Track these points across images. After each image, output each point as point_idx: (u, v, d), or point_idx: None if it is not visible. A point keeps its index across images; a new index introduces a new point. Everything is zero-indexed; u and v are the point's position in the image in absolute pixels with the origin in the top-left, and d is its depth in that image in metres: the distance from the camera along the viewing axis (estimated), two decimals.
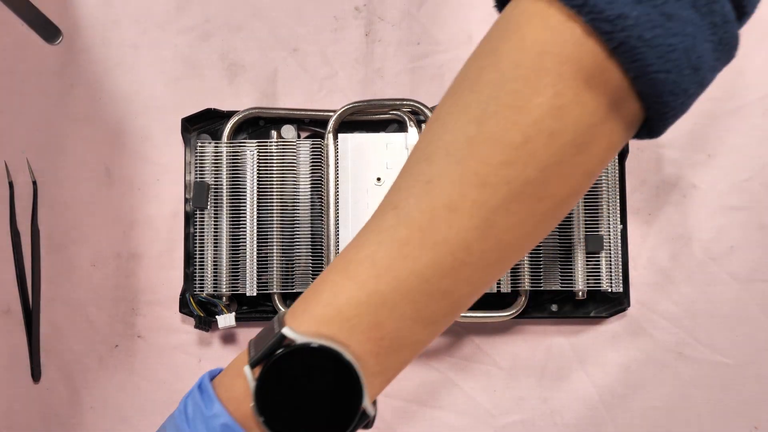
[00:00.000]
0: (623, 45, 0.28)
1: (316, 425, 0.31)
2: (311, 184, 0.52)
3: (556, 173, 0.30)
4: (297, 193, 0.52)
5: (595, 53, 0.29)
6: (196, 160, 0.52)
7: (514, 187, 0.30)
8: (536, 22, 0.30)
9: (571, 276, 0.51)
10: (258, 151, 0.52)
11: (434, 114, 0.33)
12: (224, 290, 0.51)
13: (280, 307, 0.51)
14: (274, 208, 0.52)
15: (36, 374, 0.54)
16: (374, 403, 0.34)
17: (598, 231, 0.51)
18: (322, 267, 0.51)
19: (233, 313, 0.51)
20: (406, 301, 0.31)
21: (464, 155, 0.30)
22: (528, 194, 0.30)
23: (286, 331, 0.31)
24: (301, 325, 0.31)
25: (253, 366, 0.31)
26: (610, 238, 0.51)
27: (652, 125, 0.32)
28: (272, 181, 0.52)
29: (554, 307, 0.53)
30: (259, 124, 0.54)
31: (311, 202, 0.52)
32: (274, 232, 0.51)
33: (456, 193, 0.30)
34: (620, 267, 0.51)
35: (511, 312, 0.51)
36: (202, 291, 0.51)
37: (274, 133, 0.53)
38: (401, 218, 0.31)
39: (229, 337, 0.54)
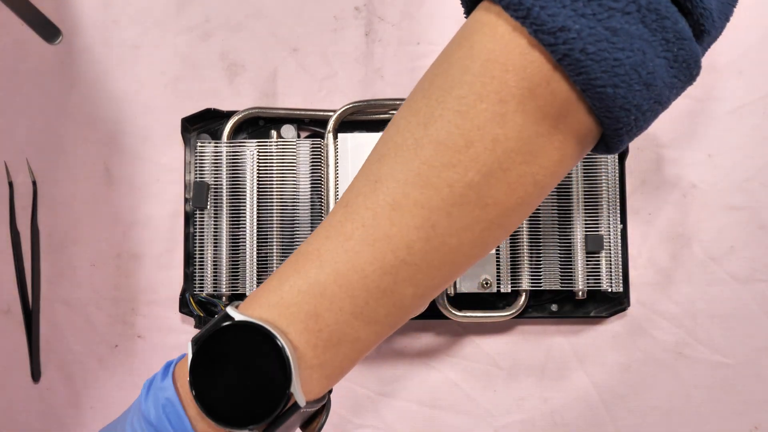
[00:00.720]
0: (567, 57, 0.28)
1: (244, 405, 0.32)
2: (311, 184, 0.52)
3: (502, 180, 0.31)
4: (297, 193, 0.52)
5: (540, 64, 0.29)
6: (196, 160, 0.52)
7: (456, 190, 0.30)
8: (486, 31, 0.30)
9: (571, 276, 0.51)
10: (258, 151, 0.52)
11: (392, 118, 0.34)
12: (224, 290, 0.51)
13: None
14: (274, 208, 0.52)
15: (36, 374, 0.54)
16: (325, 400, 0.34)
17: (598, 231, 0.51)
18: None
19: None
20: (345, 295, 0.31)
21: (410, 156, 0.31)
22: (471, 199, 0.31)
23: (228, 310, 0.32)
24: (247, 310, 0.32)
25: (195, 343, 0.32)
26: (610, 238, 0.51)
27: (607, 141, 0.32)
28: (272, 181, 0.52)
29: (554, 307, 0.53)
30: (258, 124, 0.54)
31: (311, 202, 0.52)
32: (274, 232, 0.51)
33: (399, 192, 0.31)
34: (620, 267, 0.51)
35: (511, 312, 0.51)
36: (202, 291, 0.51)
37: (274, 133, 0.53)
38: (348, 214, 0.32)
39: None
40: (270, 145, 0.52)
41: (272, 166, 0.52)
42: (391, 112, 0.53)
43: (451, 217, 0.31)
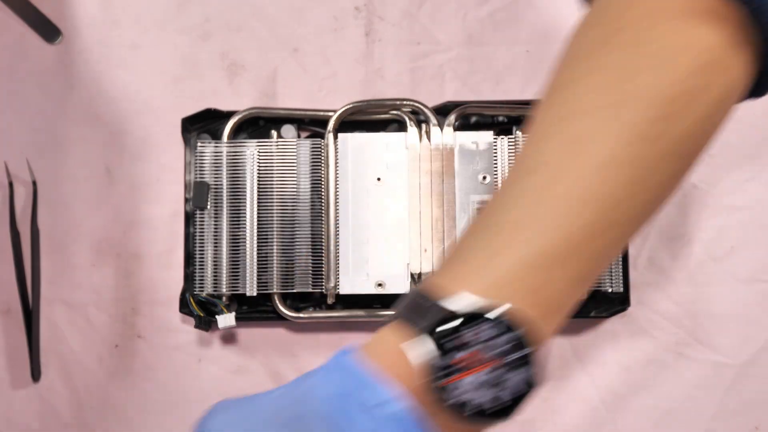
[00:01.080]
0: (761, 8, 0.29)
1: (492, 397, 0.29)
2: (311, 184, 0.52)
3: (701, 130, 0.31)
4: (297, 193, 0.52)
5: (734, 14, 0.30)
6: (196, 160, 0.52)
7: (663, 144, 0.30)
8: None
9: None
10: (258, 151, 0.52)
11: (556, 81, 0.33)
12: (224, 290, 0.51)
13: (280, 307, 0.51)
14: (274, 208, 0.52)
15: (36, 374, 0.54)
16: None
17: None
18: (322, 267, 0.51)
19: (233, 313, 0.51)
20: (559, 264, 0.30)
21: (613, 114, 0.30)
22: (674, 152, 0.31)
23: (448, 303, 0.29)
24: (459, 292, 0.30)
25: (432, 336, 0.29)
26: None
27: (763, 87, 0.33)
28: (272, 181, 0.52)
29: None
30: (259, 124, 0.54)
31: (311, 202, 0.52)
32: (274, 232, 0.51)
33: (607, 150, 0.30)
34: (620, 267, 0.51)
35: None
36: (202, 291, 0.51)
37: (274, 132, 0.53)
38: (554, 176, 0.30)
39: (229, 337, 0.54)
40: (270, 145, 0.52)
41: (272, 166, 0.52)
42: (391, 112, 0.53)
43: (655, 172, 0.31)
